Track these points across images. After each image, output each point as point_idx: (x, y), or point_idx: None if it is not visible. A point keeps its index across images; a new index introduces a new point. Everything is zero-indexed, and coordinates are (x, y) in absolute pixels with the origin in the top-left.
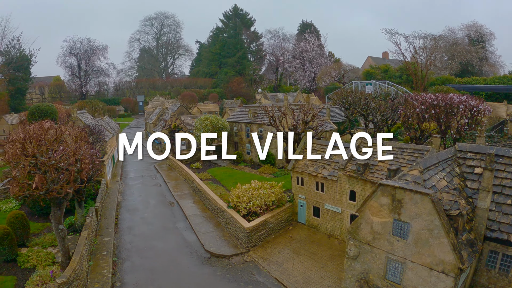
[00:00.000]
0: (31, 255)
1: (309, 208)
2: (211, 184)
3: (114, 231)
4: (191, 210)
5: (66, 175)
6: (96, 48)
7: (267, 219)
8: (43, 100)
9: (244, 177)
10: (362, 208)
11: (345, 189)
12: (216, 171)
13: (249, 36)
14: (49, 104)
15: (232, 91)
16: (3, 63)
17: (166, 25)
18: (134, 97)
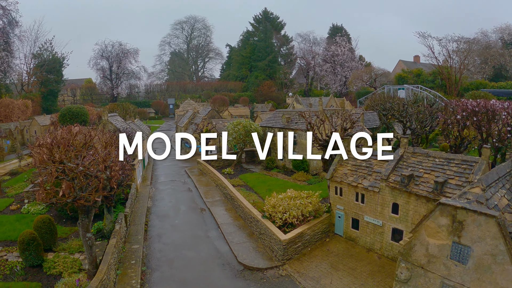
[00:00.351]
0: (57, 261)
1: (348, 220)
2: (244, 190)
3: (143, 238)
4: (223, 218)
5: (94, 182)
6: (127, 51)
7: (304, 231)
8: (75, 102)
9: (277, 184)
10: (417, 228)
11: (387, 201)
12: (248, 177)
13: (279, 40)
14: (80, 106)
15: (263, 95)
16: (36, 65)
17: (197, 28)
18: (165, 100)
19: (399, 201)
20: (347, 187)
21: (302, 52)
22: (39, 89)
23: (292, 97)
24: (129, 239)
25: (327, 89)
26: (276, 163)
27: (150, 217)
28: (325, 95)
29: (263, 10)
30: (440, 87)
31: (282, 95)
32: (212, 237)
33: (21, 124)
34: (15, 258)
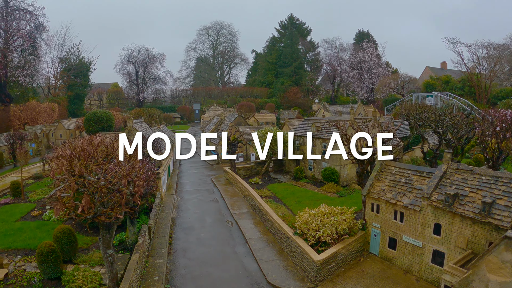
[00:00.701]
0: (76, 274)
1: (384, 239)
2: (272, 202)
3: (167, 252)
4: (251, 232)
5: (117, 197)
6: (153, 57)
7: (339, 251)
8: (101, 106)
9: (306, 196)
10: (477, 263)
11: (428, 221)
12: (277, 188)
13: (305, 46)
14: (106, 111)
15: (288, 101)
16: (63, 70)
17: (222, 34)
18: (190, 105)
19: (442, 221)
20: (384, 204)
21: (328, 58)
22: (65, 93)
23: (318, 104)
24: (152, 253)
25: (353, 96)
26: (305, 173)
27: (174, 229)
28: (351, 102)
29: (289, 16)
30: (469, 94)
31: (308, 101)
32: (240, 253)
33: (46, 127)
34: (33, 268)
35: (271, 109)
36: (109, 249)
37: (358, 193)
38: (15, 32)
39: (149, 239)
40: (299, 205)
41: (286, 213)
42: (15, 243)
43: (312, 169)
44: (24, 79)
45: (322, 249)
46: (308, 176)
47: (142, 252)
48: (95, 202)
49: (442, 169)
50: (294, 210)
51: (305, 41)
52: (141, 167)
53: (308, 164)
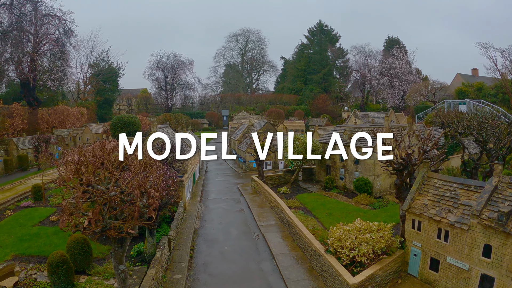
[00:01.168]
0: (89, 287)
1: (425, 259)
2: (301, 214)
3: (187, 266)
4: (278, 247)
5: (129, 209)
6: (182, 63)
7: (375, 272)
8: (130, 111)
9: (337, 208)
10: None
11: (477, 241)
12: (306, 198)
13: (334, 53)
14: (132, 116)
15: (317, 108)
16: (92, 75)
17: (251, 41)
18: (219, 111)
19: (493, 242)
20: (427, 221)
21: (357, 65)
22: (94, 97)
23: (348, 111)
24: (171, 267)
25: (383, 103)
26: (335, 183)
27: (197, 240)
28: (381, 109)
29: (318, 23)
30: (502, 101)
31: (337, 109)
32: (266, 270)
33: (74, 131)
34: (44, 278)
35: (300, 116)
36: (121, 265)
37: (392, 205)
38: (43, 37)
39: (169, 251)
40: (330, 218)
41: (316, 226)
42: (29, 249)
43: (344, 179)
44: (52, 83)
45: (357, 270)
46: (339, 186)
47: (160, 267)
48: (103, 215)
49: (493, 183)
50: (324, 223)
51: (334, 47)
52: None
53: (339, 173)
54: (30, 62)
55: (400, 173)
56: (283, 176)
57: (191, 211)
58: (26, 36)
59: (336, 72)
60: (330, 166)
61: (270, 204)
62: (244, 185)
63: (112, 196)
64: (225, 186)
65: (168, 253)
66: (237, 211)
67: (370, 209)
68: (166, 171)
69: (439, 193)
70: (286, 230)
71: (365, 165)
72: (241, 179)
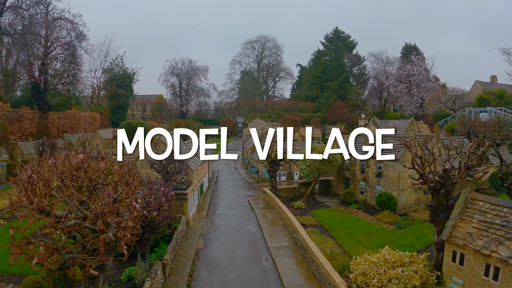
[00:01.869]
0: None
1: None
2: (318, 234)
3: None
4: (291, 276)
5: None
6: (197, 69)
7: None
8: (144, 116)
9: (358, 226)
10: None
11: None
12: (323, 214)
13: (351, 59)
14: (141, 121)
15: (334, 116)
16: (106, 80)
17: (267, 48)
18: (234, 118)
19: None
20: (472, 254)
21: (375, 72)
22: (108, 102)
23: (365, 119)
24: None
25: (401, 111)
26: (355, 197)
27: (197, 264)
28: (399, 117)
29: (334, 29)
30: None
31: (354, 117)
32: None
33: (83, 136)
34: None
35: (316, 124)
36: None
37: (419, 224)
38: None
39: (163, 277)
40: (350, 239)
41: (335, 249)
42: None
43: (364, 193)
44: (63, 87)
45: None
46: (359, 201)
47: None
48: (59, 249)
49: None
50: (344, 245)
51: (351, 54)
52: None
53: (359, 187)
54: (40, 65)
55: (437, 193)
56: (298, 189)
57: (194, 228)
58: (37, 39)
59: (352, 79)
60: (350, 179)
61: (283, 222)
62: (256, 198)
63: (70, 226)
64: (235, 198)
65: (162, 280)
66: (246, 229)
67: (395, 229)
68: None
69: (487, 220)
70: (301, 254)
71: (389, 178)
72: (253, 190)
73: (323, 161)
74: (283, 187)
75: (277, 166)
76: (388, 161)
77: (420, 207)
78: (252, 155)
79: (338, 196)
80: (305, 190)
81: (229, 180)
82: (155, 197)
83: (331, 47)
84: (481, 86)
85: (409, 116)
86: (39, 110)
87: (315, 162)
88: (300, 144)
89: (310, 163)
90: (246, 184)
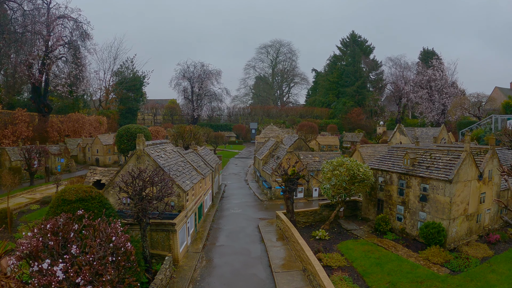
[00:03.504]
0: None
1: None
2: (348, 283)
3: None
4: None
5: None
6: (209, 72)
7: None
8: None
9: (401, 270)
10: None
11: None
12: (353, 250)
13: (368, 65)
14: (141, 127)
15: (351, 123)
16: (116, 83)
17: (282, 53)
18: (247, 124)
19: None
20: None
21: (393, 77)
22: (117, 106)
23: (383, 126)
24: None
25: (422, 118)
26: (390, 225)
27: None
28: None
29: (351, 33)
30: None
31: (371, 123)
32: None
33: (84, 141)
34: None
35: (332, 131)
36: None
37: (476, 265)
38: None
39: None
40: None
41: None
42: None
43: (403, 220)
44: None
45: None
46: (396, 229)
47: None
48: None
49: None
50: None
51: (368, 59)
52: None
53: (396, 211)
54: (41, 66)
55: None
56: (319, 212)
57: (184, 270)
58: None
59: (369, 85)
60: (383, 201)
61: (302, 264)
62: (267, 223)
63: None
64: (242, 223)
65: None
66: (251, 274)
67: (449, 274)
68: (105, 236)
69: None
70: None
71: (437, 204)
72: (264, 211)
73: (353, 179)
74: (301, 209)
75: (294, 185)
76: (437, 182)
77: (471, 239)
78: (264, 167)
79: (368, 221)
80: (327, 213)
81: (237, 196)
82: (92, 258)
83: (347, 51)
84: (501, 93)
85: (430, 124)
86: (39, 112)
87: (343, 181)
88: (320, 155)
89: (336, 182)
90: (256, 202)
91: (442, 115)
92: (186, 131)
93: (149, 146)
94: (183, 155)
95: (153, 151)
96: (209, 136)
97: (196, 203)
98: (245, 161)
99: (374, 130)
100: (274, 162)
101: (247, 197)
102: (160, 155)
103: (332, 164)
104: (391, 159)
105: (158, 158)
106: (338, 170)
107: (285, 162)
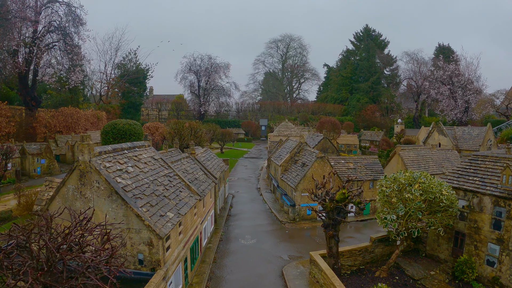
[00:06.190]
0: None
1: None
2: None
3: None
4: None
5: None
6: (217, 66)
7: None
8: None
9: None
10: None
11: None
12: None
13: (383, 60)
14: (131, 122)
15: (365, 120)
16: (118, 76)
17: (292, 48)
18: (256, 121)
19: None
20: None
21: (410, 73)
22: (119, 100)
23: (401, 124)
24: None
25: (443, 116)
26: (476, 271)
27: None
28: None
29: (364, 27)
30: None
31: (387, 121)
32: None
33: (73, 139)
34: None
35: (349, 129)
36: None
37: None
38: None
39: None
40: None
41: None
42: None
43: (496, 265)
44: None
45: None
46: (484, 278)
47: None
48: None
49: None
50: None
51: (383, 54)
52: None
53: (486, 251)
54: (27, 54)
55: None
56: (370, 249)
57: None
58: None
59: (384, 81)
60: (465, 236)
61: None
62: (294, 267)
63: None
64: (257, 269)
65: None
66: None
67: None
68: None
69: None
70: None
71: None
72: (288, 242)
73: (431, 206)
74: (346, 248)
75: (342, 216)
76: None
77: None
78: (284, 176)
79: (438, 260)
80: (381, 251)
81: (249, 213)
82: None
83: (361, 46)
84: None
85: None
86: (26, 105)
87: (418, 210)
88: (355, 161)
89: (408, 211)
90: (274, 224)
91: (465, 113)
92: (185, 128)
93: (107, 155)
94: (169, 164)
95: (110, 164)
96: (215, 134)
97: (188, 242)
98: (255, 162)
99: (391, 128)
100: (299, 171)
101: (261, 216)
102: (124, 170)
103: (398, 182)
104: (477, 174)
105: (119, 176)
106: (410, 193)
107: (315, 172)
